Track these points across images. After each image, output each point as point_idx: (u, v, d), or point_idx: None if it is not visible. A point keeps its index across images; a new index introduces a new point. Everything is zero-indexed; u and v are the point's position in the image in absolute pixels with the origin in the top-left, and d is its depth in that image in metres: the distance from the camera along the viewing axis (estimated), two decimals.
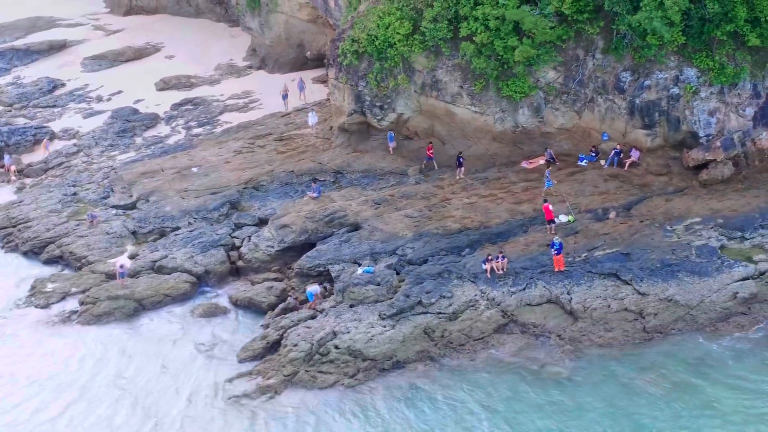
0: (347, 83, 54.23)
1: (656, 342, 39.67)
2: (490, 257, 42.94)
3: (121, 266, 46.24)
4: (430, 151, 52.63)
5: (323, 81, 66.23)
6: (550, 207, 45.83)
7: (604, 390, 37.21)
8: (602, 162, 51.05)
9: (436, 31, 51.28)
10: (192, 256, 47.56)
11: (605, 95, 50.86)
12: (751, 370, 37.86)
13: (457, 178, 51.15)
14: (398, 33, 51.81)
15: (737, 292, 41.16)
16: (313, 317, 41.87)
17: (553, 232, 45.31)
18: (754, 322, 40.32)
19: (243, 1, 75.64)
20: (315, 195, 51.06)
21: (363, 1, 56.42)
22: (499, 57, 50.37)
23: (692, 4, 47.88)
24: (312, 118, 59.23)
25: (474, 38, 50.26)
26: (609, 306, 41.01)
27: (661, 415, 35.63)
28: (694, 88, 49.25)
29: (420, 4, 52.29)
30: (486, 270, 42.61)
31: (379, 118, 54.22)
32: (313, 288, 43.65)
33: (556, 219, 45.96)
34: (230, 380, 39.21)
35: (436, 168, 52.55)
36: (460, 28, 50.98)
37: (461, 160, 51.28)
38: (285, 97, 65.54)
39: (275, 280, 46.05)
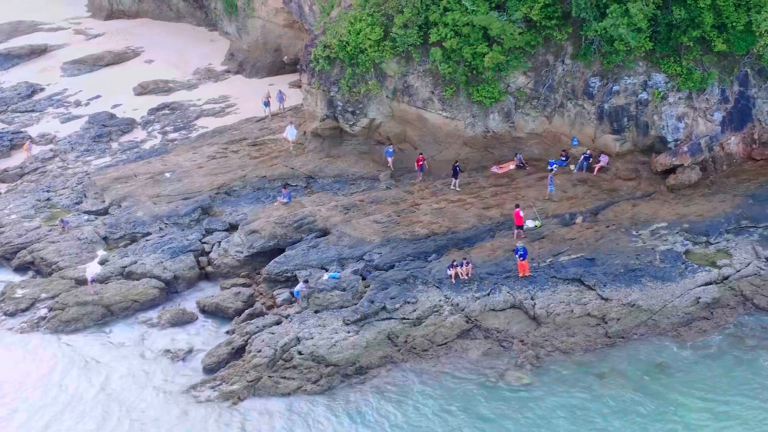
0: (320, 88, 54.36)
1: (618, 347, 39.86)
2: (455, 263, 43.10)
3: (92, 279, 46.24)
4: (420, 163, 52.36)
5: (299, 86, 66.17)
6: (521, 213, 45.96)
7: (565, 395, 37.36)
8: (572, 167, 51.25)
9: (406, 37, 51.39)
10: (161, 262, 47.60)
11: (575, 100, 51.04)
12: (712, 374, 38.08)
13: (451, 187, 50.61)
14: (369, 39, 51.90)
15: (700, 297, 41.44)
16: (278, 323, 42.01)
17: (523, 236, 45.46)
18: (716, 326, 40.56)
19: (221, 5, 75.75)
20: (285, 200, 51.17)
21: (335, 6, 56.58)
22: (468, 63, 50.56)
23: (659, 10, 48.14)
24: (291, 133, 58.08)
25: (444, 44, 50.44)
26: (572, 311, 41.21)
27: (621, 421, 35.78)
28: (662, 93, 49.44)
29: (390, 10, 52.37)
30: (450, 275, 42.78)
31: (351, 123, 54.34)
32: (299, 286, 43.56)
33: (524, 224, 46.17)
34: (195, 386, 39.32)
35: (419, 178, 52.28)
36: (430, 34, 51.14)
37: (457, 169, 50.71)
38: (267, 104, 65.48)
39: (243, 285, 46.13)
